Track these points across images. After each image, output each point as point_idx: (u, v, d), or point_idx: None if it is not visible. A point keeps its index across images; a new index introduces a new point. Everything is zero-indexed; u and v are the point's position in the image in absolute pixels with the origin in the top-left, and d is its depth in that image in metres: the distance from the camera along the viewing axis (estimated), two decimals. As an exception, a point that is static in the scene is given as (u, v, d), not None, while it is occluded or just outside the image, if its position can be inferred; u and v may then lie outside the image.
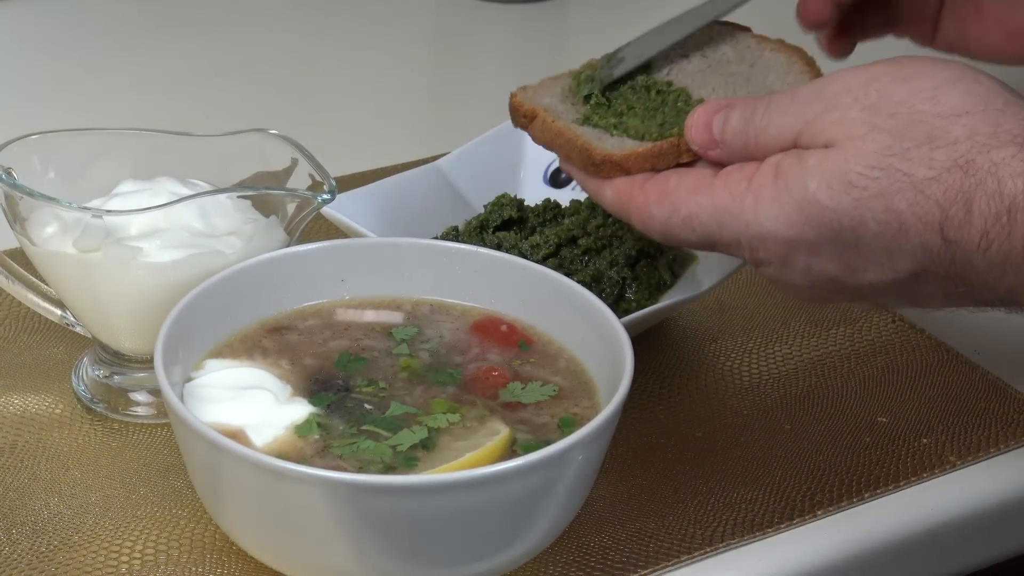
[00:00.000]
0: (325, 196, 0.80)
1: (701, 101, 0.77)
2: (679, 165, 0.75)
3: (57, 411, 0.84)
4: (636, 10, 1.37)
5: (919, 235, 0.68)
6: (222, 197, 0.82)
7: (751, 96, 0.75)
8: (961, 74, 0.70)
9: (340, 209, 0.88)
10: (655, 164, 0.74)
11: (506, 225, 0.92)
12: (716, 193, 0.72)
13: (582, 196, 0.97)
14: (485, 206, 0.94)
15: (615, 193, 0.75)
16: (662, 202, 0.73)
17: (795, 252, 0.70)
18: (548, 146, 0.77)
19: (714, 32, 0.83)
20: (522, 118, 0.78)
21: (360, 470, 0.69)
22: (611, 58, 0.82)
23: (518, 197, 0.94)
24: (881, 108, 0.68)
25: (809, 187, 0.68)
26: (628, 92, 0.79)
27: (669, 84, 0.80)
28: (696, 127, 0.74)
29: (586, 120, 0.78)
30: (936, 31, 0.93)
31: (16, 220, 0.81)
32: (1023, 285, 0.68)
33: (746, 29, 0.84)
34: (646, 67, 0.81)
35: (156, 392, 0.83)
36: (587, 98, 0.80)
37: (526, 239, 0.90)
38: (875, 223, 0.68)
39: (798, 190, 0.69)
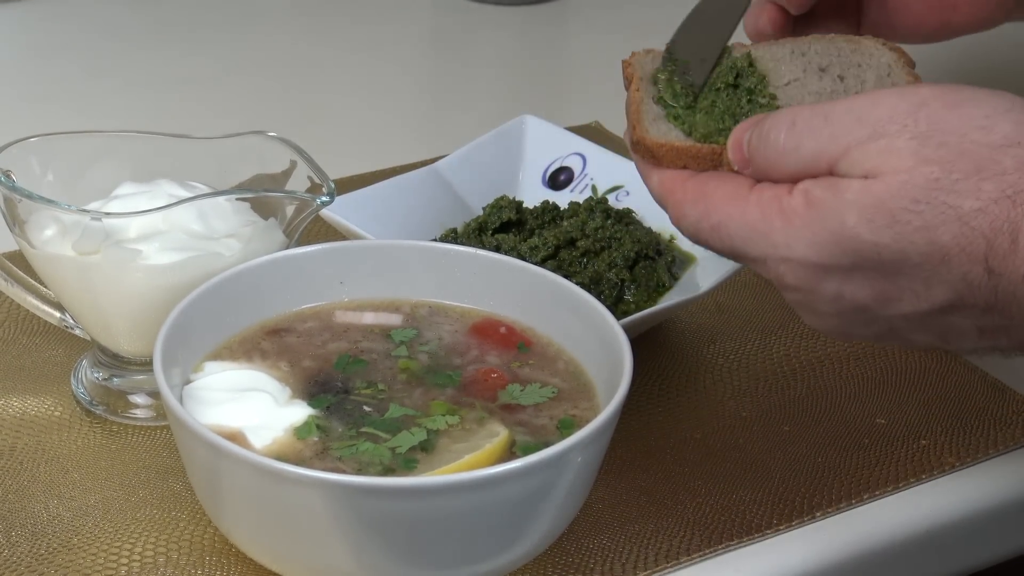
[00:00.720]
0: (324, 198, 0.80)
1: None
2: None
3: (56, 413, 0.84)
4: (635, 11, 1.37)
5: (961, 266, 0.66)
6: (221, 199, 0.82)
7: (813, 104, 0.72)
8: (1012, 103, 0.67)
9: (339, 211, 0.88)
10: (688, 163, 0.73)
11: (505, 227, 0.92)
12: (748, 208, 0.70)
13: (581, 198, 0.97)
14: (484, 208, 0.94)
15: (660, 182, 0.74)
16: (697, 203, 0.71)
17: (826, 278, 0.68)
18: (627, 111, 0.77)
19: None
20: (627, 79, 0.77)
21: (359, 472, 0.69)
22: (673, 64, 0.79)
23: (517, 199, 0.94)
24: (931, 137, 0.66)
25: (848, 221, 0.66)
26: (720, 88, 0.77)
27: (763, 84, 0.78)
28: (732, 145, 0.72)
29: (660, 99, 0.76)
30: (861, 15, 0.92)
31: (15, 223, 0.81)
32: None
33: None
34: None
35: (155, 394, 0.83)
36: (673, 90, 0.78)
37: (525, 241, 0.90)
38: (917, 255, 0.66)
39: (835, 222, 0.67)
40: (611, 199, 0.96)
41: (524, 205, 0.94)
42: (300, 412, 0.72)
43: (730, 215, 0.70)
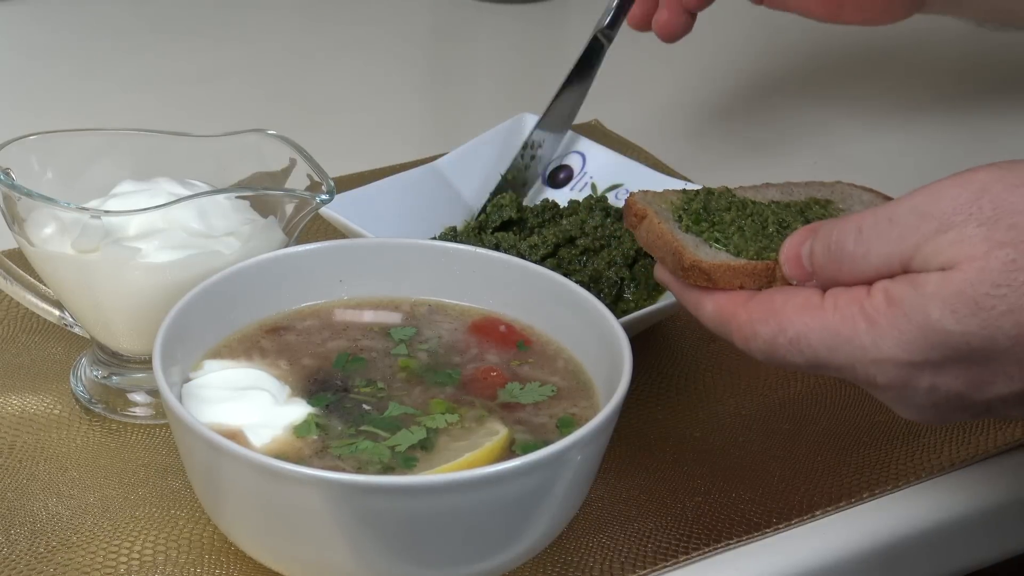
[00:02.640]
0: (323, 196, 0.80)
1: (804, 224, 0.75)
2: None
3: (55, 412, 0.84)
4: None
5: None
6: (220, 197, 0.82)
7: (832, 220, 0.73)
8: None
9: (338, 209, 0.88)
10: (744, 282, 0.72)
11: (505, 226, 0.92)
12: (827, 316, 0.68)
13: (580, 196, 0.97)
14: (485, 205, 0.94)
15: (716, 308, 0.72)
16: (768, 320, 0.70)
17: (919, 375, 0.67)
18: (649, 248, 0.75)
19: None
20: (633, 217, 0.76)
21: (359, 471, 0.69)
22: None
23: (517, 197, 0.94)
24: (999, 221, 0.66)
25: (932, 315, 0.66)
26: (737, 213, 0.77)
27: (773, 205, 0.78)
28: (789, 262, 0.71)
29: (689, 229, 0.76)
30: None
31: (14, 221, 0.81)
32: None
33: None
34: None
35: (154, 393, 0.83)
36: (695, 212, 0.77)
37: (524, 239, 0.90)
38: (1006, 339, 0.65)
39: (920, 317, 0.66)
40: (610, 197, 0.96)
41: (524, 203, 0.94)
42: (299, 410, 0.72)
43: (808, 326, 0.69)
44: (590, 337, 0.76)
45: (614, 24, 1.03)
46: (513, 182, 0.98)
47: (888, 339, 0.67)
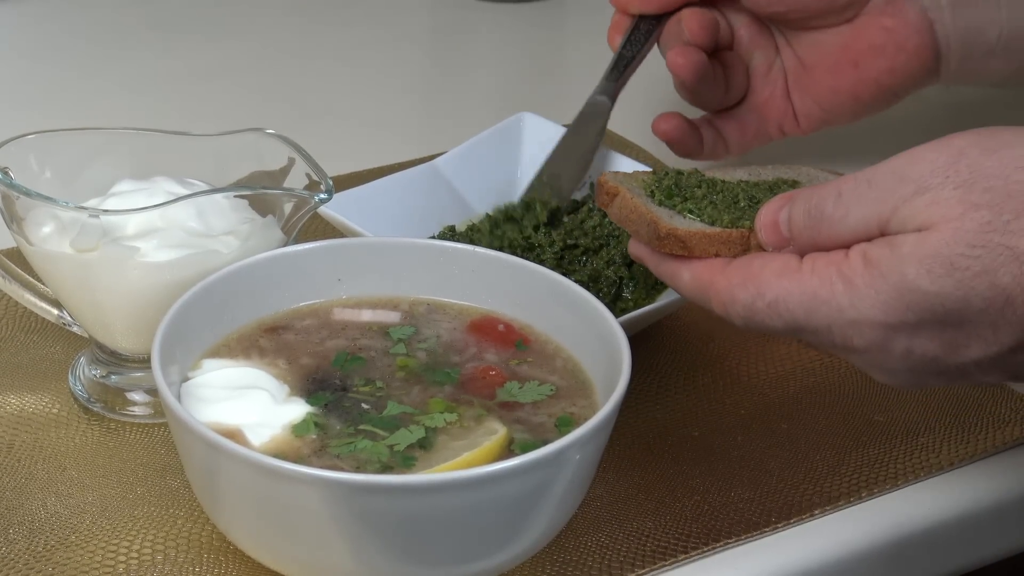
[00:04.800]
0: (322, 195, 0.80)
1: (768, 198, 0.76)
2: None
3: (54, 411, 0.84)
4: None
5: None
6: (219, 197, 0.82)
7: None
8: None
9: (337, 208, 0.88)
10: (719, 250, 0.73)
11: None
12: (805, 279, 0.69)
13: (580, 195, 0.97)
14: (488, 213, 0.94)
15: (693, 276, 0.74)
16: (746, 286, 0.71)
17: (895, 336, 0.68)
18: (623, 223, 0.76)
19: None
20: (605, 195, 0.77)
21: (357, 470, 0.69)
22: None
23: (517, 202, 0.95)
24: (975, 184, 0.66)
25: (908, 274, 0.66)
26: (704, 188, 0.79)
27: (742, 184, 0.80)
28: (765, 229, 0.72)
29: (662, 203, 0.77)
30: (795, 112, 1.00)
31: (13, 220, 0.81)
32: None
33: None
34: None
35: (153, 392, 0.83)
36: (667, 188, 0.79)
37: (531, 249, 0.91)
38: (980, 300, 0.66)
39: (896, 277, 0.67)
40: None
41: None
42: (298, 410, 0.72)
43: (787, 289, 0.69)
44: (589, 336, 0.76)
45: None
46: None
47: (865, 300, 0.68)
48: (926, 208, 0.67)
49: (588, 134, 1.00)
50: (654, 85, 1.26)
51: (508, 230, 0.92)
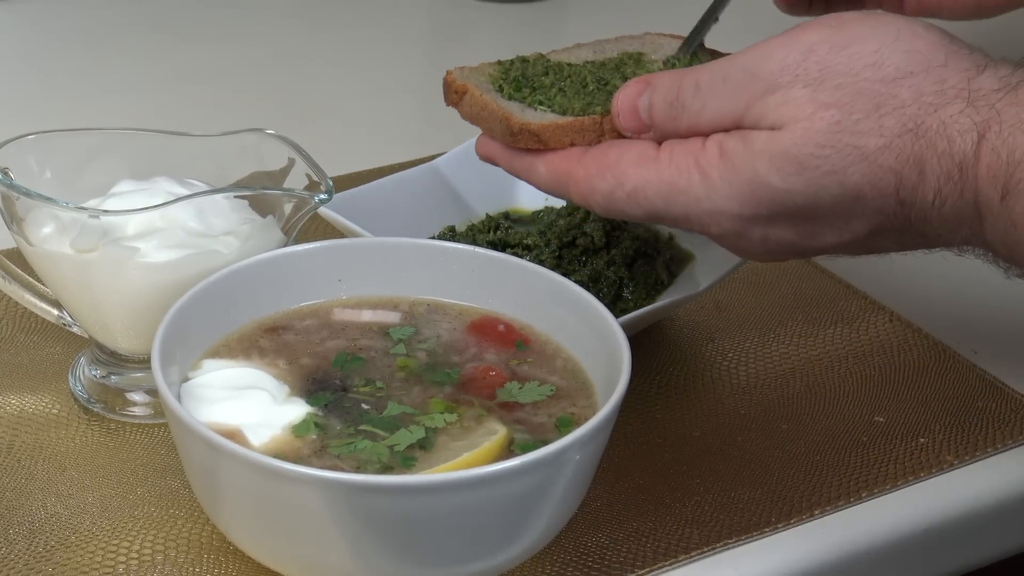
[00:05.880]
0: (322, 196, 0.80)
1: (622, 80, 0.76)
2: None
3: (54, 411, 0.84)
4: (632, 9, 1.37)
5: (875, 201, 0.68)
6: (219, 197, 0.82)
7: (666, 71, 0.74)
8: (898, 31, 0.69)
9: (337, 209, 0.88)
10: (574, 139, 0.73)
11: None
12: (662, 168, 0.71)
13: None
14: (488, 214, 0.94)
15: (550, 168, 0.74)
16: (605, 175, 0.72)
17: (750, 227, 0.70)
18: (474, 120, 0.77)
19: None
20: (454, 94, 0.78)
21: (357, 470, 0.69)
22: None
23: (517, 207, 0.95)
24: (824, 82, 0.68)
25: (759, 170, 0.68)
26: (555, 76, 0.79)
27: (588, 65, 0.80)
28: (623, 114, 0.73)
29: (512, 97, 0.77)
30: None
31: (13, 220, 0.81)
32: (976, 236, 0.69)
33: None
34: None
35: (153, 392, 0.83)
36: (514, 80, 0.79)
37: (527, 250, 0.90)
38: (830, 198, 0.68)
39: (748, 172, 0.69)
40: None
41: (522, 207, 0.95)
42: (298, 410, 0.72)
43: (645, 179, 0.71)
44: (589, 336, 0.76)
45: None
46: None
47: (720, 192, 0.69)
48: (776, 108, 0.68)
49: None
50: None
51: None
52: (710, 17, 0.84)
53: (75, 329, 0.86)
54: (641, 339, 0.86)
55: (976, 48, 0.70)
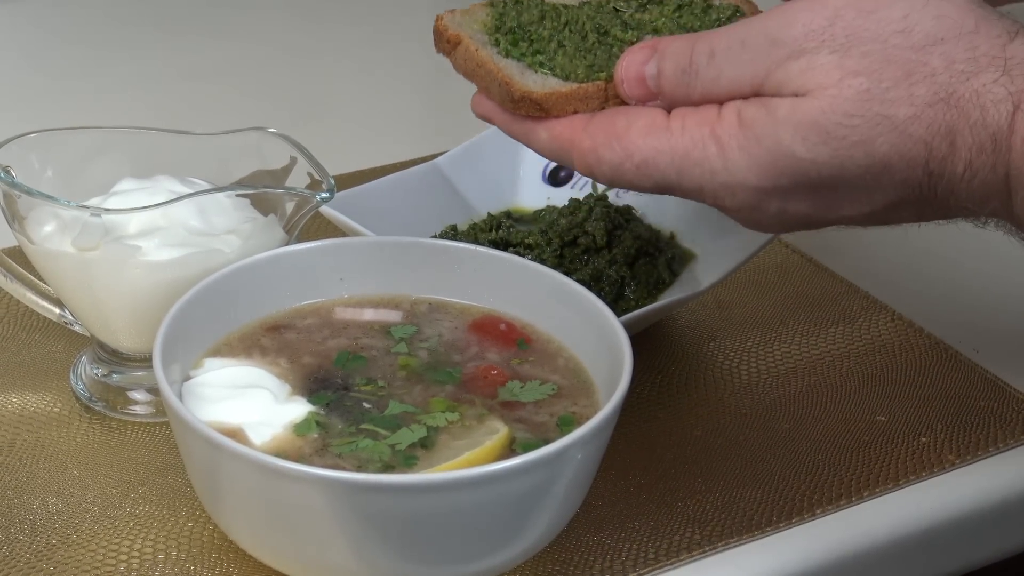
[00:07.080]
0: (324, 195, 0.80)
1: (632, 40, 0.72)
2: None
3: (55, 410, 0.84)
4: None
5: (902, 172, 0.65)
6: (221, 195, 0.82)
7: (681, 34, 0.70)
8: None
9: (339, 207, 0.88)
10: (578, 107, 0.70)
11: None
12: (674, 139, 0.68)
13: (581, 195, 0.97)
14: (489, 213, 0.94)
15: (552, 136, 0.71)
16: (612, 145, 0.69)
17: (767, 199, 0.67)
18: (469, 76, 0.72)
19: None
20: (445, 43, 0.73)
21: (359, 469, 0.69)
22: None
23: (518, 203, 0.94)
24: (852, 48, 0.65)
25: (783, 140, 0.65)
26: (552, 24, 0.74)
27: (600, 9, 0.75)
28: (629, 82, 0.70)
29: (509, 53, 0.73)
30: None
31: (14, 219, 0.81)
32: (1004, 209, 0.66)
33: None
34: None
35: (155, 391, 0.83)
36: (510, 31, 0.75)
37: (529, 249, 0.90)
38: (856, 168, 0.65)
39: (770, 141, 0.66)
40: (611, 196, 0.96)
41: (523, 204, 0.95)
42: (300, 409, 0.72)
43: (656, 149, 0.68)
44: (591, 335, 0.76)
45: None
46: None
47: (738, 163, 0.66)
48: (801, 74, 0.65)
49: None
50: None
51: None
52: None
53: (76, 328, 0.86)
54: (642, 338, 0.86)
55: (1004, 13, 0.67)
